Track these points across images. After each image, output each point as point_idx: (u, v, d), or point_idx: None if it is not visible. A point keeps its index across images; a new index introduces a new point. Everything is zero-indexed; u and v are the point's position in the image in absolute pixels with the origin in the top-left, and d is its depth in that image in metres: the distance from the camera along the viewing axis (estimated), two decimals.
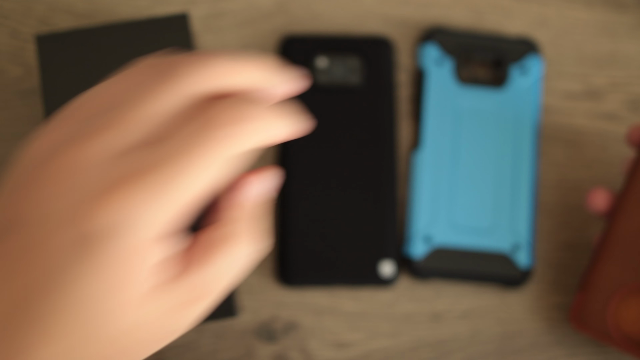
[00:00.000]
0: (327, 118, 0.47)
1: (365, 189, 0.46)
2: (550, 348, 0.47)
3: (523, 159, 0.47)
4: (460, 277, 0.46)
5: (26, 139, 0.48)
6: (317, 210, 0.46)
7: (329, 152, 0.47)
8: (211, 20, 0.50)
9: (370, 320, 0.47)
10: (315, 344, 0.46)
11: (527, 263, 0.46)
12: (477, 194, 0.47)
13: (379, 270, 0.46)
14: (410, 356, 0.46)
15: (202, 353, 0.46)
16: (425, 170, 0.47)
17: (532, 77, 0.48)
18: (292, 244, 0.46)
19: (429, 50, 0.48)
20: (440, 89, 0.48)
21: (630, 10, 0.51)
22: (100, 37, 0.42)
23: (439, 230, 0.46)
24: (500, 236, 0.46)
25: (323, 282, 0.46)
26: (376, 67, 0.48)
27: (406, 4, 0.51)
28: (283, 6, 0.50)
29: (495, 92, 0.48)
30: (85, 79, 0.41)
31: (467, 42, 0.49)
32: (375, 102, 0.47)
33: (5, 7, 0.49)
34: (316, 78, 0.47)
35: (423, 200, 0.46)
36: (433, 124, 0.47)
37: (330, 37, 0.48)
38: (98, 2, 0.50)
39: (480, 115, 0.48)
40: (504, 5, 0.51)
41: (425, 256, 0.46)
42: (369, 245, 0.46)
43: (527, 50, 0.49)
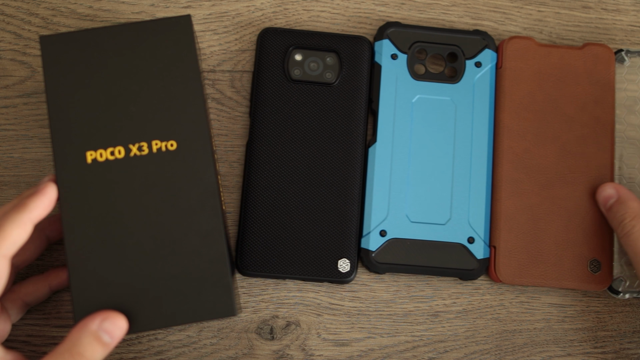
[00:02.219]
0: (300, 112, 0.47)
1: (330, 184, 0.46)
2: (547, 347, 0.47)
3: (479, 152, 0.47)
4: (417, 270, 0.46)
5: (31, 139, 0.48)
6: (280, 203, 0.46)
7: (297, 146, 0.47)
8: (212, 20, 0.50)
9: (370, 319, 0.47)
10: (315, 342, 0.47)
11: (483, 254, 0.46)
12: (433, 187, 0.47)
13: (338, 266, 0.46)
14: (409, 355, 0.47)
15: (203, 351, 0.46)
16: (381, 165, 0.47)
17: (486, 70, 0.48)
18: (250, 234, 0.46)
19: (383, 46, 0.48)
20: (395, 84, 0.48)
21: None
22: (103, 38, 0.42)
23: (395, 224, 0.46)
24: (456, 228, 0.46)
25: (280, 274, 0.45)
26: (351, 65, 0.48)
27: (406, 5, 0.51)
28: (283, 6, 0.50)
29: (450, 85, 0.48)
30: (89, 79, 0.41)
31: (422, 37, 0.48)
32: (348, 99, 0.47)
33: (10, 8, 0.49)
34: (291, 72, 0.47)
35: (379, 194, 0.46)
36: (388, 119, 0.47)
37: (307, 32, 0.48)
38: (100, 4, 0.50)
39: (435, 109, 0.48)
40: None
41: (381, 250, 0.46)
42: (329, 239, 0.46)
43: (481, 44, 0.49)
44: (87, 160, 0.40)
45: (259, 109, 0.47)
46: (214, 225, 0.40)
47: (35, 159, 0.48)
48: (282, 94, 0.47)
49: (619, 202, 0.45)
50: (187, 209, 0.40)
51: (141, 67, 0.41)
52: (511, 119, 0.47)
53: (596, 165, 0.47)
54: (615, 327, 0.48)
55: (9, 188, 0.47)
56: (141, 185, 0.40)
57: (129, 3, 0.50)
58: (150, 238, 0.40)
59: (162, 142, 0.41)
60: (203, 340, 0.46)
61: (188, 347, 0.46)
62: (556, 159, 0.47)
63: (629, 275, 0.46)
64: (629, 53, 0.48)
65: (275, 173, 0.46)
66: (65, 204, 0.40)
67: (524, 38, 0.48)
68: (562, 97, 0.48)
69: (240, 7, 0.50)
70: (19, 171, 0.48)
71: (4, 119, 0.48)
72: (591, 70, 0.48)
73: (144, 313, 0.39)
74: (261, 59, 0.48)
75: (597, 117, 0.47)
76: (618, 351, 0.47)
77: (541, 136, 0.47)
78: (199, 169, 0.41)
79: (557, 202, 0.47)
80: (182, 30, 0.42)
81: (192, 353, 0.46)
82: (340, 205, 0.46)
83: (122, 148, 0.41)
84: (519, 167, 0.47)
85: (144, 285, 0.39)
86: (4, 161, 0.48)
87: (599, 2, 0.52)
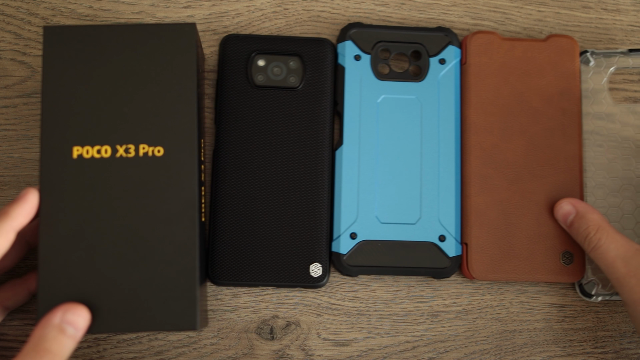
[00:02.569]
0: (265, 118, 0.47)
1: (299, 189, 0.46)
2: (547, 347, 0.47)
3: (446, 149, 0.47)
4: (390, 271, 0.46)
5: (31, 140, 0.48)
6: (249, 211, 0.46)
7: (264, 153, 0.46)
8: (212, 20, 0.50)
9: (370, 319, 0.47)
10: (315, 342, 0.47)
11: (455, 251, 0.46)
12: (402, 186, 0.46)
13: (310, 271, 0.45)
14: (409, 355, 0.47)
15: (203, 351, 0.46)
16: (348, 167, 0.46)
17: (451, 67, 0.48)
18: (220, 243, 0.45)
19: (345, 48, 0.48)
20: (359, 86, 0.47)
21: None
22: (106, 36, 0.42)
23: (365, 226, 0.46)
24: (427, 227, 0.46)
25: (252, 282, 0.45)
26: (315, 68, 0.47)
27: (405, 5, 0.51)
28: (283, 6, 0.50)
29: (414, 84, 0.48)
30: (87, 74, 0.41)
31: (385, 37, 0.48)
32: (313, 102, 0.47)
33: (10, 8, 0.49)
34: (255, 78, 0.47)
35: (347, 197, 0.46)
36: (354, 121, 0.47)
37: (269, 37, 0.48)
38: (100, 4, 0.50)
39: (401, 108, 0.47)
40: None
41: (352, 253, 0.46)
42: (299, 244, 0.45)
43: (445, 40, 0.48)
44: (73, 155, 0.41)
45: (224, 117, 0.46)
46: (189, 237, 0.40)
47: (35, 159, 0.48)
48: (246, 100, 0.47)
49: (579, 217, 0.45)
50: (165, 217, 0.40)
51: (140, 70, 0.41)
52: (477, 115, 0.47)
53: (564, 156, 0.47)
54: (615, 327, 0.48)
55: (9, 188, 0.47)
56: (123, 187, 0.40)
57: (129, 3, 0.50)
58: (124, 241, 0.40)
59: (150, 147, 0.41)
60: (203, 340, 0.46)
61: (188, 347, 0.46)
62: (524, 152, 0.47)
63: (602, 278, 0.46)
64: (594, 54, 0.48)
65: (242, 180, 0.46)
66: (45, 195, 0.40)
67: (487, 33, 0.48)
68: (527, 90, 0.47)
69: (240, 7, 0.50)
70: (19, 171, 0.48)
71: (4, 119, 0.48)
72: (556, 62, 0.48)
73: (106, 315, 0.39)
74: (224, 66, 0.47)
75: (563, 108, 0.47)
76: (618, 351, 0.47)
77: (508, 130, 0.47)
78: (183, 179, 0.41)
79: (527, 195, 0.46)
80: (185, 38, 0.42)
81: (192, 353, 0.46)
82: (309, 210, 0.46)
83: (109, 148, 0.41)
84: (488, 163, 0.47)
85: (112, 287, 0.40)
86: (4, 161, 0.48)
87: (599, 2, 0.52)
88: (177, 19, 0.50)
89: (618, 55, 0.49)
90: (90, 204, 0.40)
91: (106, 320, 0.39)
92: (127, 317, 0.39)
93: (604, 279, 0.46)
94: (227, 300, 0.47)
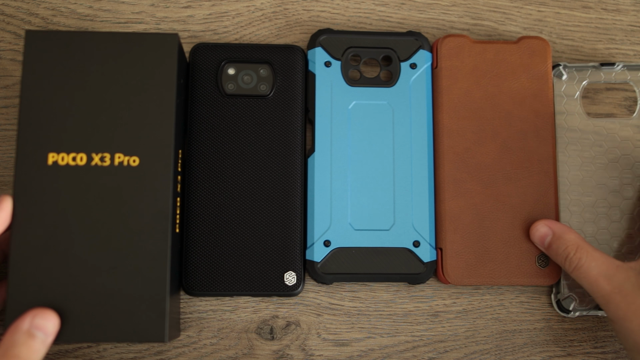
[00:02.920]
0: (237, 127, 0.46)
1: (271, 198, 0.46)
2: (547, 347, 0.47)
3: (419, 154, 0.47)
4: (364, 277, 0.46)
5: None
6: (222, 220, 0.45)
7: (236, 161, 0.46)
8: (212, 20, 0.50)
9: (370, 319, 0.47)
10: (315, 342, 0.47)
11: (430, 257, 0.46)
12: (375, 193, 0.46)
13: (284, 279, 0.45)
14: (409, 355, 0.47)
15: (203, 351, 0.46)
16: (321, 174, 0.46)
17: (422, 71, 0.48)
18: (193, 254, 0.45)
19: (316, 55, 0.48)
20: (330, 92, 0.47)
21: None
22: (88, 43, 0.42)
23: (339, 233, 0.46)
24: (401, 232, 0.46)
25: (227, 292, 0.45)
26: (285, 75, 0.47)
27: (405, 5, 0.51)
28: (283, 6, 0.50)
29: (386, 89, 0.47)
30: (66, 81, 0.41)
31: (355, 42, 0.48)
32: (284, 110, 0.47)
33: (10, 8, 0.49)
34: (225, 87, 0.47)
35: (320, 204, 0.46)
36: (326, 128, 0.47)
37: (239, 45, 0.47)
38: (100, 4, 0.50)
39: (372, 114, 0.47)
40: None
41: (326, 260, 0.45)
42: (273, 253, 0.45)
43: (415, 45, 0.48)
44: (48, 161, 0.41)
45: (195, 127, 0.46)
46: (161, 249, 0.40)
47: None
48: (217, 109, 0.46)
49: (557, 238, 0.44)
50: (137, 227, 0.40)
51: (120, 79, 0.41)
52: (450, 119, 0.47)
53: (538, 159, 0.47)
54: None
55: (9, 188, 0.47)
56: (96, 196, 0.40)
57: (129, 3, 0.50)
58: (96, 251, 0.40)
59: (126, 156, 0.41)
60: (203, 340, 0.46)
61: (188, 347, 0.46)
62: (498, 155, 0.47)
63: (579, 293, 0.46)
64: (566, 67, 0.48)
65: (215, 190, 0.46)
66: (18, 201, 0.40)
67: (458, 36, 0.48)
68: (500, 93, 0.47)
69: (240, 7, 0.50)
70: None
71: (4, 119, 0.48)
72: (527, 64, 0.48)
73: (75, 324, 0.39)
74: (194, 76, 0.47)
75: (536, 110, 0.47)
76: (618, 351, 0.47)
77: (481, 134, 0.47)
78: (157, 190, 0.41)
79: (501, 199, 0.46)
80: (167, 49, 0.42)
81: (192, 353, 0.46)
82: (282, 218, 0.45)
83: (85, 155, 0.41)
84: (461, 167, 0.46)
85: (82, 297, 0.40)
86: (4, 161, 0.48)
87: (599, 2, 0.52)
88: (177, 18, 0.50)
89: (590, 69, 0.49)
90: (64, 212, 0.40)
91: (75, 329, 0.39)
92: (96, 327, 0.39)
93: (581, 294, 0.46)
94: (227, 300, 0.47)
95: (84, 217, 0.40)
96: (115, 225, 0.40)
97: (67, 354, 0.45)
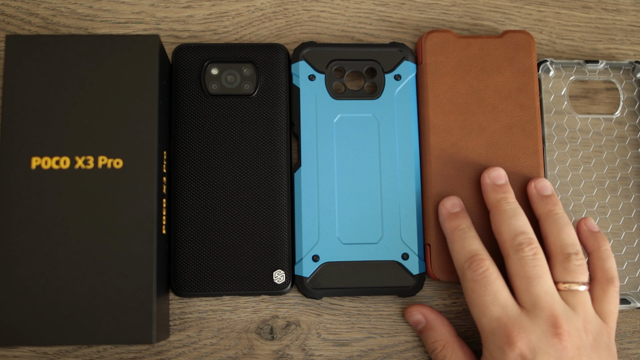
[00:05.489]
0: (221, 127, 0.46)
1: (258, 196, 0.45)
2: None
3: (406, 166, 0.46)
4: (354, 292, 0.45)
5: None
6: (209, 221, 0.45)
7: (222, 161, 0.46)
8: (212, 20, 0.50)
9: (370, 319, 0.47)
10: (315, 342, 0.47)
11: (419, 269, 0.46)
12: (363, 206, 0.46)
13: (273, 278, 0.45)
14: (409, 355, 0.47)
15: (203, 351, 0.46)
16: (308, 189, 0.46)
17: (406, 82, 0.48)
18: (181, 254, 0.45)
19: (299, 68, 0.47)
20: (314, 106, 0.47)
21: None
22: (69, 47, 0.42)
23: (327, 247, 0.45)
24: (389, 246, 0.46)
25: (216, 292, 0.45)
26: (269, 73, 0.47)
27: (405, 5, 0.51)
28: (283, 6, 0.50)
29: (370, 101, 0.47)
30: (48, 85, 0.41)
31: (338, 55, 0.48)
32: (268, 108, 0.47)
33: (10, 8, 0.49)
34: (209, 87, 0.46)
35: (308, 219, 0.45)
36: (311, 142, 0.46)
37: (221, 45, 0.47)
38: (100, 4, 0.50)
39: (357, 127, 0.47)
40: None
41: (315, 276, 0.45)
42: (261, 252, 0.45)
43: (399, 56, 0.48)
44: (32, 165, 0.41)
45: (180, 128, 0.46)
46: (147, 250, 0.40)
47: None
48: (201, 110, 0.46)
49: (428, 329, 0.45)
50: (123, 229, 0.40)
51: (102, 81, 0.42)
52: (436, 115, 0.47)
53: (524, 153, 0.47)
54: (615, 327, 0.48)
55: None
56: (81, 199, 0.40)
57: (129, 3, 0.50)
58: (82, 254, 0.40)
59: (109, 159, 0.41)
60: (203, 340, 0.46)
61: (188, 347, 0.46)
62: (484, 150, 0.47)
63: None
64: (553, 63, 0.48)
65: (201, 190, 0.45)
66: (2, 206, 0.40)
67: (442, 31, 0.48)
68: (485, 88, 0.47)
69: (240, 7, 0.50)
70: None
71: None
72: (512, 58, 0.48)
73: (62, 327, 0.39)
74: (177, 77, 0.47)
75: (521, 104, 0.47)
76: (618, 351, 0.47)
77: (467, 129, 0.47)
78: (141, 192, 0.41)
79: None
80: (148, 51, 0.42)
81: (192, 353, 0.46)
82: (269, 217, 0.45)
83: (68, 159, 0.41)
84: (448, 163, 0.46)
85: (67, 299, 0.39)
86: None
87: (599, 2, 0.52)
88: (177, 18, 0.50)
89: (576, 66, 0.49)
90: (48, 215, 0.40)
91: (61, 332, 0.39)
92: (83, 330, 0.39)
93: None
94: (227, 300, 0.47)
95: (69, 221, 0.40)
96: (100, 228, 0.40)
97: (67, 353, 0.45)
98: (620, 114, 0.49)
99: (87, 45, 0.42)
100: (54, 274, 0.40)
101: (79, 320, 0.39)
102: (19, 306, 0.39)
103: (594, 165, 0.48)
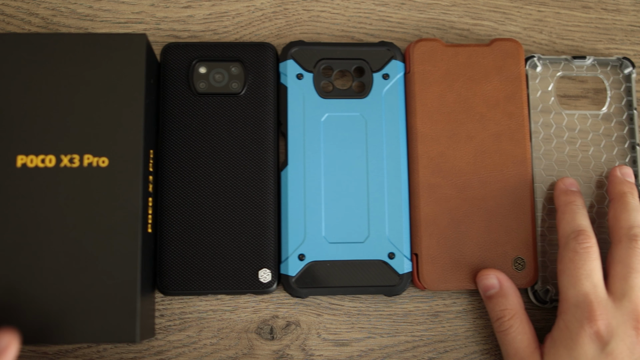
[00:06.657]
0: (209, 125, 0.46)
1: (244, 195, 0.45)
2: None
3: (393, 166, 0.46)
4: (340, 291, 0.45)
5: None
6: (195, 219, 0.45)
7: (209, 160, 0.46)
8: (212, 20, 0.50)
9: (370, 319, 0.47)
10: (315, 342, 0.47)
11: (405, 268, 0.46)
12: (349, 205, 0.46)
13: (259, 276, 0.45)
14: (409, 355, 0.47)
15: (203, 351, 0.46)
16: (294, 188, 0.46)
17: (394, 81, 0.47)
18: (167, 253, 0.45)
19: (287, 67, 0.47)
20: (302, 105, 0.47)
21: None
22: (55, 45, 0.42)
23: (313, 246, 0.45)
24: (376, 245, 0.45)
25: (202, 291, 0.45)
26: (257, 72, 0.47)
27: (406, 5, 0.51)
28: (283, 6, 0.50)
29: (358, 101, 0.47)
30: (34, 83, 0.41)
31: (327, 54, 0.48)
32: (256, 107, 0.46)
33: (10, 8, 0.49)
34: (197, 86, 0.46)
35: (294, 218, 0.45)
36: (298, 141, 0.46)
37: (209, 44, 0.47)
38: (100, 4, 0.50)
39: (345, 126, 0.47)
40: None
41: (301, 275, 0.45)
42: (247, 251, 0.45)
43: (387, 55, 0.48)
44: (17, 164, 0.41)
45: (167, 127, 0.46)
46: (131, 249, 0.40)
47: None
48: (189, 108, 0.46)
49: (500, 295, 0.44)
50: (107, 228, 0.40)
51: (88, 80, 0.42)
52: (424, 124, 0.47)
53: (513, 161, 0.47)
54: None
55: None
56: (66, 198, 0.40)
57: (129, 3, 0.50)
58: (66, 252, 0.40)
59: (95, 157, 0.41)
60: (203, 340, 0.46)
61: (188, 347, 0.46)
62: (472, 159, 0.47)
63: (556, 284, 0.46)
64: (540, 59, 0.48)
65: (188, 189, 0.45)
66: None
67: (430, 40, 0.48)
68: (473, 96, 0.47)
69: (240, 7, 0.50)
70: None
71: None
72: (500, 66, 0.48)
73: (46, 326, 0.39)
74: (165, 76, 0.47)
75: (510, 113, 0.47)
76: None
77: (455, 138, 0.47)
78: (127, 190, 0.41)
79: (477, 203, 0.46)
80: (135, 49, 0.42)
81: (192, 353, 0.46)
82: (256, 216, 0.45)
83: (54, 157, 0.41)
84: (435, 172, 0.46)
85: (52, 298, 0.39)
86: None
87: (599, 2, 0.52)
88: (177, 18, 0.50)
89: (563, 62, 0.49)
90: (33, 214, 0.40)
91: (46, 331, 0.39)
92: (68, 328, 0.39)
93: (556, 285, 0.47)
94: (227, 300, 0.47)
95: (54, 219, 0.40)
96: (85, 227, 0.40)
97: (67, 353, 0.45)
98: (607, 110, 0.49)
99: (73, 44, 0.42)
100: (39, 272, 0.40)
101: (62, 319, 0.39)
102: (1, 304, 0.39)
103: (580, 162, 0.48)
